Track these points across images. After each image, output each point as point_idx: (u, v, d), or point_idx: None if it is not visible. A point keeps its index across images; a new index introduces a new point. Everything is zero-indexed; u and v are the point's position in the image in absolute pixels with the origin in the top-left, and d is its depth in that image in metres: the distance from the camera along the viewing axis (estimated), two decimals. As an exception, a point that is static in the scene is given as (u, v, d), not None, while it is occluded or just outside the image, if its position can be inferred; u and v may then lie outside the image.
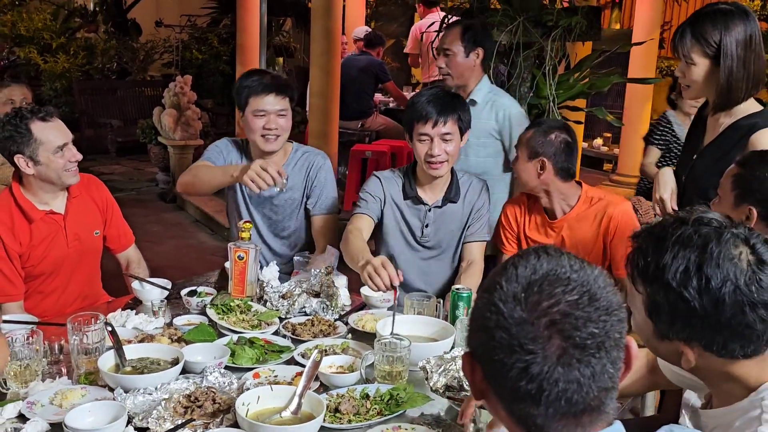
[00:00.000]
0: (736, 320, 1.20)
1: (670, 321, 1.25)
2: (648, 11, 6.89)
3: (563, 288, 0.92)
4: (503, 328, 0.92)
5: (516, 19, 3.39)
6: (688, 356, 1.27)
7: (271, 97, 2.71)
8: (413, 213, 2.70)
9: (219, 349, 1.98)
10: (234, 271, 2.39)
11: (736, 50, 2.22)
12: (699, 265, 1.20)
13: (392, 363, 1.88)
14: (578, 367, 0.90)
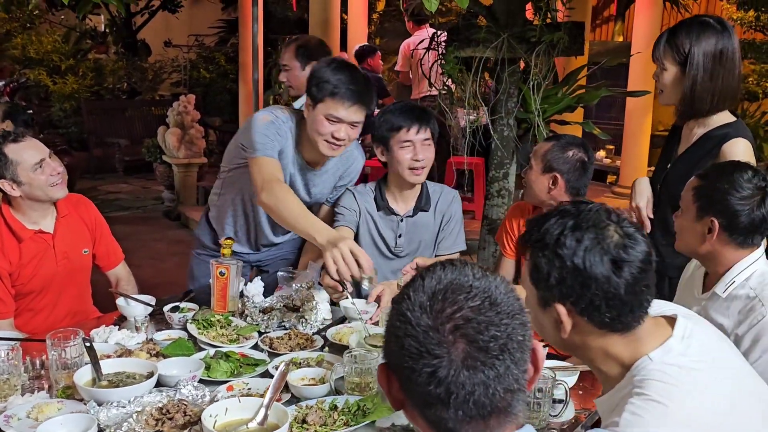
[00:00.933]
0: (602, 280, 1.30)
1: (547, 281, 1.34)
2: (647, 23, 6.93)
3: (466, 295, 0.99)
4: (411, 335, 0.98)
5: (500, 36, 3.44)
6: (563, 318, 1.34)
7: (352, 107, 2.47)
8: (386, 224, 2.77)
9: (194, 363, 2.03)
10: (215, 287, 2.44)
11: (703, 61, 2.29)
12: (574, 227, 1.33)
13: (361, 375, 1.93)
14: (483, 370, 0.96)
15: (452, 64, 3.61)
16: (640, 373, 1.32)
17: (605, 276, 1.30)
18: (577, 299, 1.32)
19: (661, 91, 2.41)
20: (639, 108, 7.03)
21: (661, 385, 1.29)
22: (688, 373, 1.31)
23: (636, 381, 1.32)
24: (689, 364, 1.33)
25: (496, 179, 3.82)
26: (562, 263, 1.31)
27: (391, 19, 11.07)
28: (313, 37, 3.75)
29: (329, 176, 2.78)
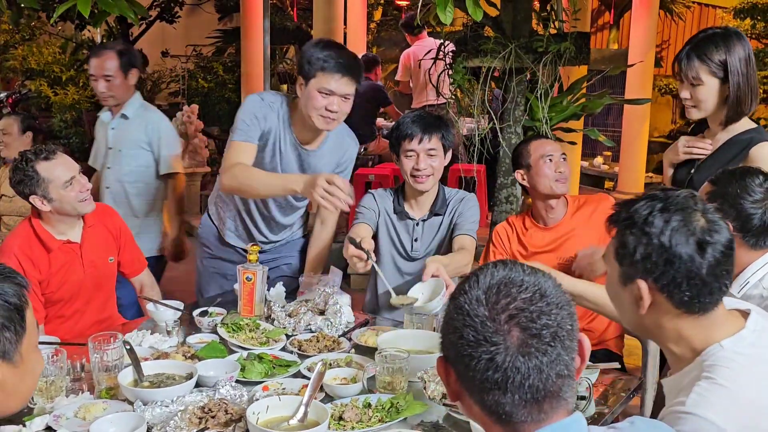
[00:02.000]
0: (686, 258, 1.38)
1: (632, 257, 1.42)
2: (643, 31, 7.04)
3: (518, 288, 1.08)
4: (469, 326, 1.07)
5: (508, 46, 3.54)
6: (644, 294, 1.42)
7: (343, 78, 2.60)
8: (402, 227, 2.86)
9: (230, 365, 2.11)
10: (243, 292, 2.52)
11: (740, 67, 2.42)
12: (662, 209, 1.41)
13: (392, 374, 2.00)
14: (536, 355, 1.05)
15: (461, 74, 3.71)
16: (711, 359, 1.40)
17: (689, 255, 1.38)
18: (660, 275, 1.40)
19: (693, 106, 2.51)
20: (637, 114, 7.15)
21: (729, 371, 1.37)
22: (756, 364, 1.39)
23: (705, 366, 1.39)
24: (759, 355, 1.40)
25: (505, 186, 3.91)
26: (649, 240, 1.39)
27: (388, 29, 11.18)
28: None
29: (326, 160, 2.86)
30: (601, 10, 10.92)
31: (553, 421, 1.08)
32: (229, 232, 3.03)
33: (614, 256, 1.47)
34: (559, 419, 1.08)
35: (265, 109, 2.74)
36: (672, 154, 2.66)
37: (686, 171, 2.60)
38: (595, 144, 8.92)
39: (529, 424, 1.07)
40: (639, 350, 3.27)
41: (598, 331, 2.90)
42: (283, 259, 3.07)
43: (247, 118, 2.71)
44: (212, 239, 3.10)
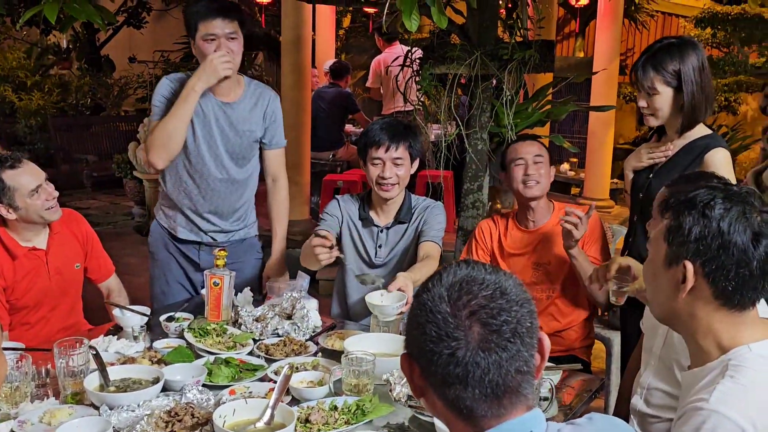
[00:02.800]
0: (741, 247, 1.40)
1: (686, 238, 1.43)
2: (607, 40, 7.14)
3: (479, 286, 1.12)
4: (432, 322, 1.10)
5: (474, 53, 3.58)
6: (689, 275, 1.43)
7: (218, 20, 2.70)
8: (367, 234, 2.88)
9: (197, 369, 2.12)
10: (210, 297, 2.53)
11: (693, 76, 2.50)
12: (724, 198, 1.43)
13: (358, 376, 2.03)
14: (496, 350, 1.08)
15: (428, 80, 3.74)
16: (737, 359, 1.41)
17: (744, 245, 1.39)
18: (709, 259, 1.41)
19: (650, 114, 2.58)
20: (601, 121, 7.24)
21: (754, 374, 1.38)
22: None
23: (731, 365, 1.41)
24: None
25: (471, 191, 3.95)
26: (708, 223, 1.41)
27: (357, 35, 11.22)
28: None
29: (248, 110, 2.91)
30: (567, 18, 11.07)
31: (513, 416, 1.11)
32: (180, 228, 3.00)
33: (664, 237, 1.48)
34: (519, 415, 1.11)
35: (174, 84, 2.84)
36: (634, 161, 2.72)
37: (645, 176, 2.66)
38: (562, 150, 9.03)
39: (489, 419, 1.10)
40: (603, 353, 3.33)
41: (569, 340, 2.95)
42: (241, 264, 3.00)
43: (158, 100, 2.83)
44: (162, 246, 3.06)
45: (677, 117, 2.56)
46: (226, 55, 2.68)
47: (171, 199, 2.99)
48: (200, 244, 2.99)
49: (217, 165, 2.89)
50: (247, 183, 3.01)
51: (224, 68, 2.67)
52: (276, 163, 3.06)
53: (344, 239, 2.90)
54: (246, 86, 2.94)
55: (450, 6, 4.04)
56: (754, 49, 6.74)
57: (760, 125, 7.63)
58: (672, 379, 2.07)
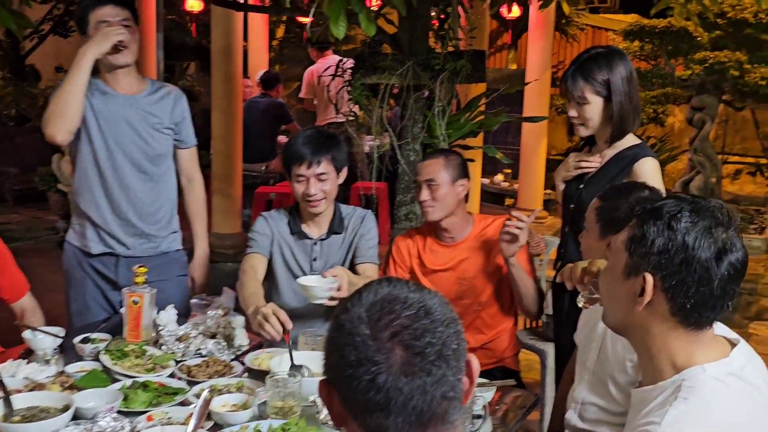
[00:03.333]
0: (703, 264, 1.34)
1: (649, 248, 1.37)
2: (539, 52, 7.24)
3: (401, 305, 1.04)
4: (351, 345, 1.02)
5: (405, 63, 3.54)
6: (648, 288, 1.37)
7: (109, 7, 2.66)
8: (300, 248, 2.79)
9: (111, 394, 1.99)
10: (128, 316, 2.40)
11: (621, 86, 2.49)
12: (692, 210, 1.36)
13: (284, 398, 1.94)
14: (420, 375, 1.00)
15: (359, 90, 3.68)
16: (691, 380, 1.35)
17: (707, 262, 1.33)
18: (670, 274, 1.35)
19: (580, 124, 2.57)
20: (534, 133, 7.33)
21: (708, 397, 1.33)
22: (737, 393, 1.35)
23: (684, 385, 1.35)
24: (739, 385, 1.36)
25: (404, 203, 3.90)
26: (672, 235, 1.34)
27: (291, 46, 11.11)
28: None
29: (154, 102, 2.82)
30: (500, 31, 11.20)
31: None
32: (93, 244, 2.84)
33: (625, 246, 1.42)
34: None
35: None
36: (564, 171, 2.71)
37: (575, 187, 2.65)
38: (497, 161, 9.09)
39: None
40: (538, 364, 3.31)
41: (498, 350, 2.91)
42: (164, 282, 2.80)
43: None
44: (76, 264, 2.91)
45: (606, 127, 2.56)
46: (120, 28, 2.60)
47: (81, 210, 2.84)
48: (117, 258, 2.83)
49: (130, 161, 2.78)
50: (163, 180, 2.89)
51: (116, 33, 2.58)
52: (190, 162, 2.98)
53: (275, 257, 2.79)
54: (150, 84, 2.88)
55: (381, 16, 4.00)
56: (680, 61, 6.90)
57: (686, 136, 7.83)
58: (606, 394, 2.04)
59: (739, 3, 6.32)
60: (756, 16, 6.30)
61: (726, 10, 6.34)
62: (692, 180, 6.54)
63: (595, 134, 2.63)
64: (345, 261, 2.81)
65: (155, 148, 2.82)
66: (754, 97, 6.71)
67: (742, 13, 6.34)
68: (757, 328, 5.55)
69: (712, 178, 6.49)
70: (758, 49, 6.57)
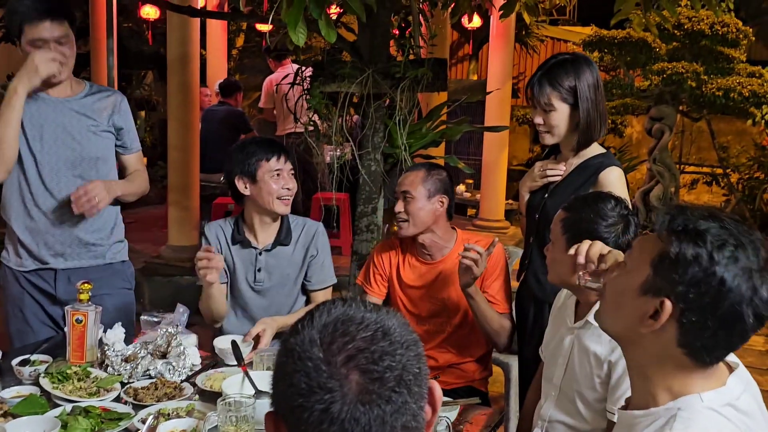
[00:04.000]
0: (736, 316, 1.21)
1: (681, 274, 1.21)
2: (500, 63, 7.23)
3: (357, 326, 0.94)
4: (301, 371, 0.92)
5: (365, 71, 3.46)
6: (664, 316, 1.23)
7: (47, 23, 2.46)
8: (244, 257, 2.70)
9: (48, 422, 1.85)
10: (72, 336, 2.26)
11: (588, 93, 2.44)
12: (737, 244, 1.21)
13: (237, 423, 1.82)
14: (379, 403, 0.90)
15: (318, 98, 3.59)
16: (687, 410, 1.24)
17: (739, 307, 1.20)
18: (692, 308, 1.21)
19: (546, 132, 2.49)
20: (496, 143, 7.30)
21: (702, 427, 1.23)
22: (733, 427, 1.25)
23: (680, 416, 1.24)
24: (735, 417, 1.26)
25: (365, 214, 3.81)
26: (711, 269, 1.20)
27: (251, 56, 10.98)
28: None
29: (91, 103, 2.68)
30: (461, 42, 11.22)
31: None
32: (28, 261, 2.66)
33: (651, 261, 1.26)
34: None
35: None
36: (529, 181, 2.64)
37: (540, 196, 2.59)
38: (458, 172, 9.06)
39: None
40: (502, 377, 3.23)
41: (468, 372, 2.79)
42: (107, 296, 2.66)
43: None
44: (13, 279, 2.71)
45: (573, 135, 2.50)
46: (51, 53, 2.45)
47: (12, 224, 2.67)
48: (55, 271, 2.67)
49: (65, 165, 2.62)
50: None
51: (47, 66, 2.43)
52: (135, 164, 2.83)
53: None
54: (88, 87, 2.73)
55: (341, 23, 3.92)
56: (638, 72, 6.94)
57: (645, 147, 7.89)
58: (574, 412, 1.97)
59: (696, 15, 6.38)
60: (712, 28, 6.36)
61: (683, 22, 6.39)
62: (651, 190, 6.55)
63: (561, 143, 2.57)
64: (297, 277, 2.73)
65: (91, 151, 2.67)
66: (711, 107, 6.77)
67: (699, 25, 6.40)
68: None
69: (670, 188, 6.51)
70: (714, 60, 6.63)
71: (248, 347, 2.41)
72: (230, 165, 2.68)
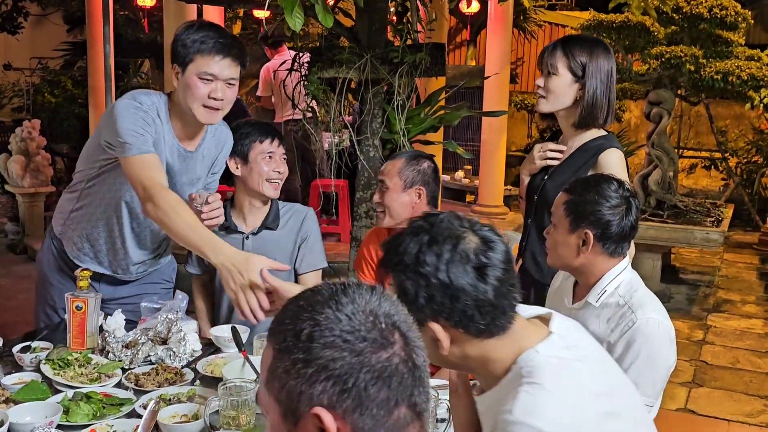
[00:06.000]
0: (470, 289, 1.29)
1: (416, 303, 1.30)
2: (498, 48, 7.21)
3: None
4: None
5: (363, 57, 3.45)
6: (440, 336, 1.32)
7: (227, 60, 2.28)
8: (230, 242, 2.59)
9: (50, 408, 1.85)
10: (72, 323, 2.26)
11: (600, 75, 2.43)
12: (430, 242, 1.31)
13: (237, 408, 1.82)
14: None
15: (316, 84, 3.58)
16: (528, 365, 1.31)
17: (472, 285, 1.29)
18: (449, 314, 1.30)
19: (542, 96, 2.48)
20: (494, 129, 7.29)
21: (551, 375, 1.29)
22: (573, 364, 1.33)
23: (525, 372, 1.30)
24: (571, 356, 1.34)
25: (364, 200, 3.81)
26: (428, 281, 1.30)
27: (248, 43, 10.92)
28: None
29: (206, 160, 2.56)
30: (459, 27, 11.18)
31: None
32: (86, 258, 2.56)
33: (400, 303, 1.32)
34: None
35: (149, 110, 2.32)
36: (529, 164, 2.64)
37: (540, 178, 2.58)
38: (457, 158, 9.06)
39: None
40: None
41: None
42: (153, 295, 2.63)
43: (139, 124, 2.27)
44: (54, 267, 2.63)
45: (572, 110, 2.48)
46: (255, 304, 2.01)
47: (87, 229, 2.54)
48: (101, 276, 2.58)
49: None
50: None
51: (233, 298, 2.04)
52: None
53: None
54: (206, 128, 2.50)
55: (339, 8, 3.90)
56: (637, 57, 6.91)
57: (643, 131, 7.87)
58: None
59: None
60: (711, 11, 6.32)
61: (681, 5, 6.35)
62: (650, 174, 6.54)
63: (561, 118, 2.54)
64: (289, 260, 2.73)
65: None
66: (709, 91, 6.75)
67: (697, 9, 6.36)
68: (714, 320, 5.59)
69: (669, 172, 6.49)
70: (713, 44, 6.59)
71: (245, 333, 2.39)
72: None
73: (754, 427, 3.91)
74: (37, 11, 11.33)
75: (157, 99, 2.39)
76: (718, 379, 4.49)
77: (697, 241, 6.02)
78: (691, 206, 6.60)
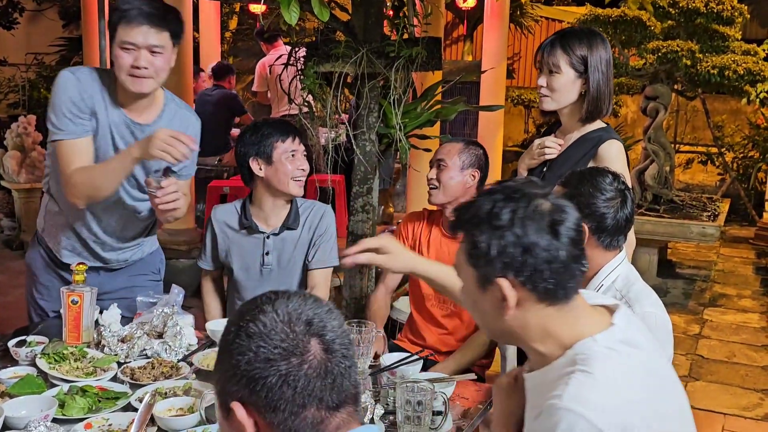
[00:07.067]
0: (543, 243, 1.29)
1: (487, 255, 1.31)
2: (495, 43, 7.20)
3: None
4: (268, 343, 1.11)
5: (359, 51, 3.44)
6: (507, 292, 1.31)
7: (144, 27, 2.24)
8: (251, 242, 2.69)
9: (46, 401, 1.86)
10: (68, 317, 2.26)
11: (600, 66, 2.44)
12: (505, 199, 1.32)
13: (233, 400, 1.82)
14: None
15: (312, 79, 3.57)
16: (585, 352, 1.30)
17: (546, 239, 1.29)
18: (519, 268, 1.30)
19: (546, 95, 2.48)
20: (491, 124, 7.29)
21: (605, 366, 1.28)
22: (627, 361, 1.32)
23: (579, 358, 1.30)
24: (629, 352, 1.33)
25: (360, 194, 3.80)
26: (501, 234, 1.30)
27: (245, 38, 10.91)
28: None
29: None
30: (455, 23, 11.16)
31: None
32: (66, 252, 2.58)
33: (467, 261, 1.35)
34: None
35: (83, 85, 2.33)
36: (528, 158, 2.64)
37: (539, 170, 2.58)
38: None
39: None
40: (498, 355, 3.24)
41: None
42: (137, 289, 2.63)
43: (66, 108, 2.28)
44: (41, 264, 2.64)
45: (577, 106, 2.48)
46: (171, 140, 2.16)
47: (59, 220, 2.56)
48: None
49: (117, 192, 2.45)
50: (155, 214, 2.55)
51: (159, 153, 2.16)
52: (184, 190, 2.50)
53: (220, 251, 2.73)
54: (164, 105, 2.48)
55: (334, 2, 3.89)
56: (633, 51, 6.91)
57: (640, 126, 7.88)
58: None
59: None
60: (707, 6, 6.33)
61: (678, 0, 6.36)
62: (646, 169, 6.55)
63: (565, 114, 2.54)
64: (300, 258, 2.73)
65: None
66: (706, 86, 6.75)
67: (694, 3, 6.36)
68: (710, 315, 5.60)
69: (665, 167, 6.50)
70: (709, 38, 6.60)
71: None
72: (243, 147, 2.66)
73: (750, 420, 3.92)
74: (32, 7, 11.31)
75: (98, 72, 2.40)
76: (714, 373, 4.50)
77: (693, 236, 6.03)
78: (687, 201, 6.61)
